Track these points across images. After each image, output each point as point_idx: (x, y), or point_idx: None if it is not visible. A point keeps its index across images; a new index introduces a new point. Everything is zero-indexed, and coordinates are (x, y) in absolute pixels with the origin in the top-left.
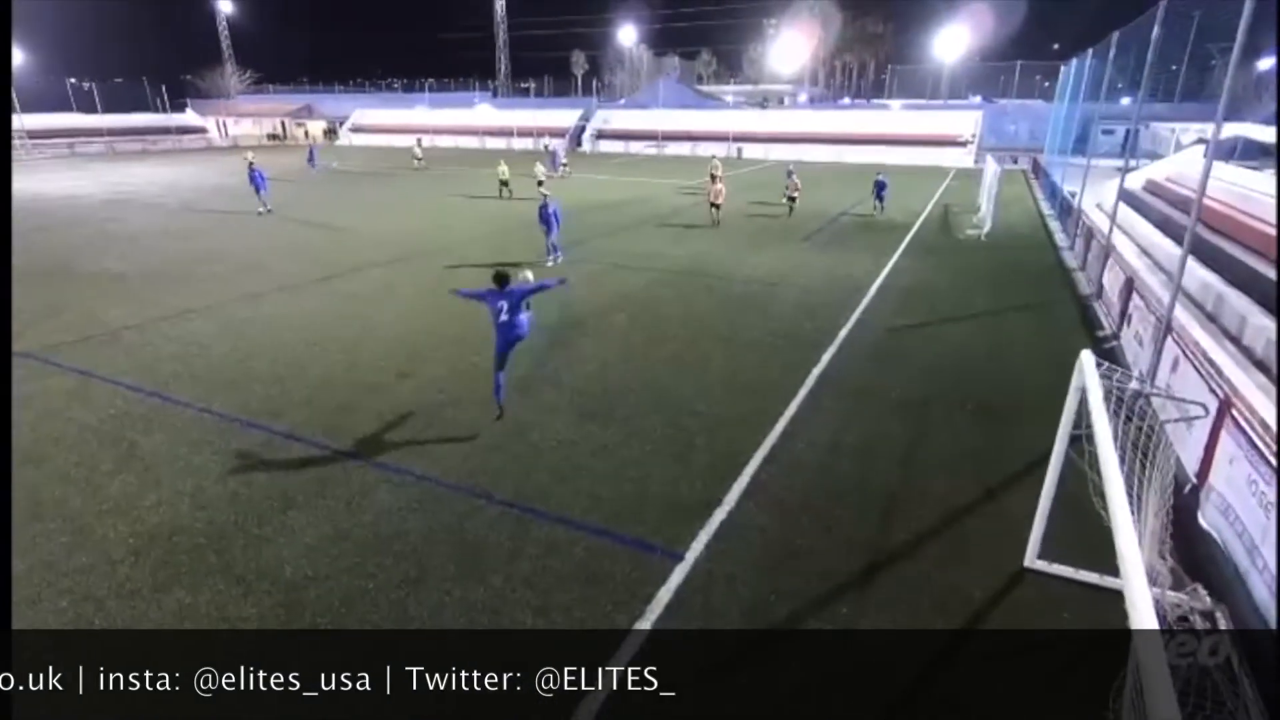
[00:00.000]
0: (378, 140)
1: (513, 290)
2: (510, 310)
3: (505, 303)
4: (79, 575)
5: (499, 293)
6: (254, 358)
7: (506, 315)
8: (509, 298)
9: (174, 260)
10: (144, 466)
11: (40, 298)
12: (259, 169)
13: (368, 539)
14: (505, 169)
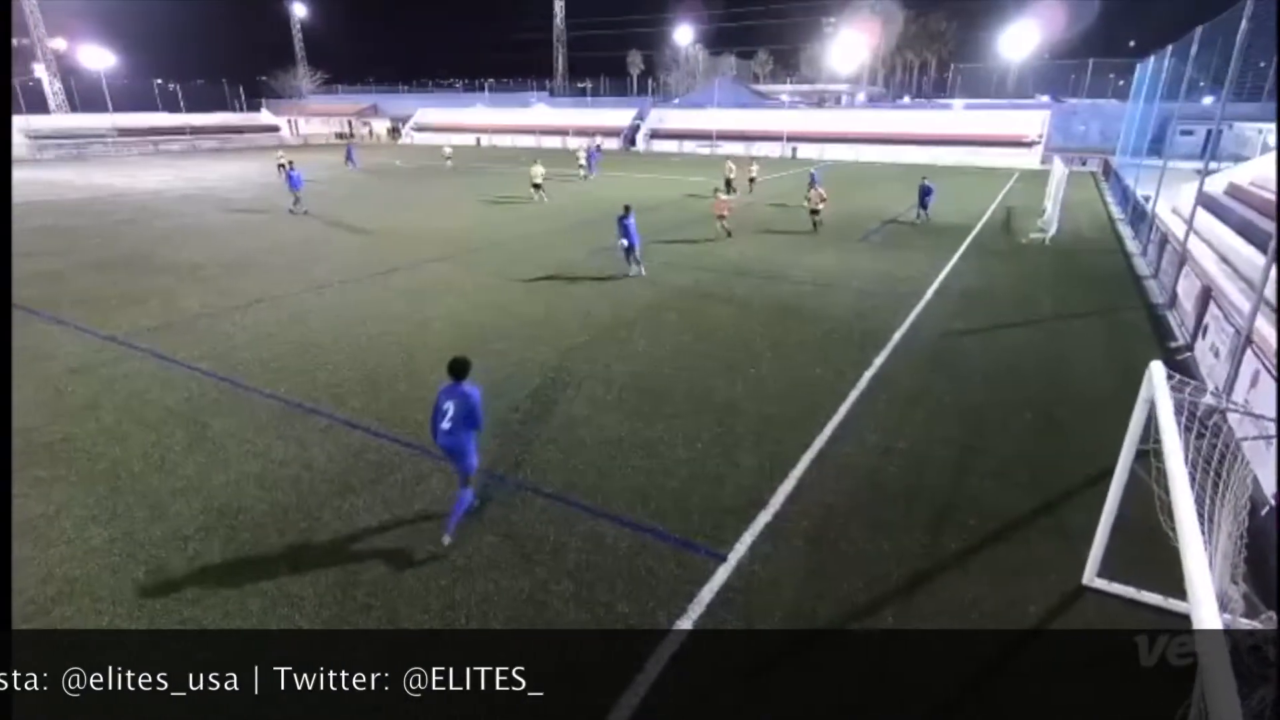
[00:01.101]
0: (438, 139)
1: (467, 391)
2: (455, 418)
3: (453, 405)
4: (155, 547)
5: (451, 388)
6: (317, 346)
7: (449, 424)
8: (459, 399)
9: (245, 252)
10: (215, 447)
11: (126, 285)
12: (296, 170)
13: (423, 527)
14: (540, 170)
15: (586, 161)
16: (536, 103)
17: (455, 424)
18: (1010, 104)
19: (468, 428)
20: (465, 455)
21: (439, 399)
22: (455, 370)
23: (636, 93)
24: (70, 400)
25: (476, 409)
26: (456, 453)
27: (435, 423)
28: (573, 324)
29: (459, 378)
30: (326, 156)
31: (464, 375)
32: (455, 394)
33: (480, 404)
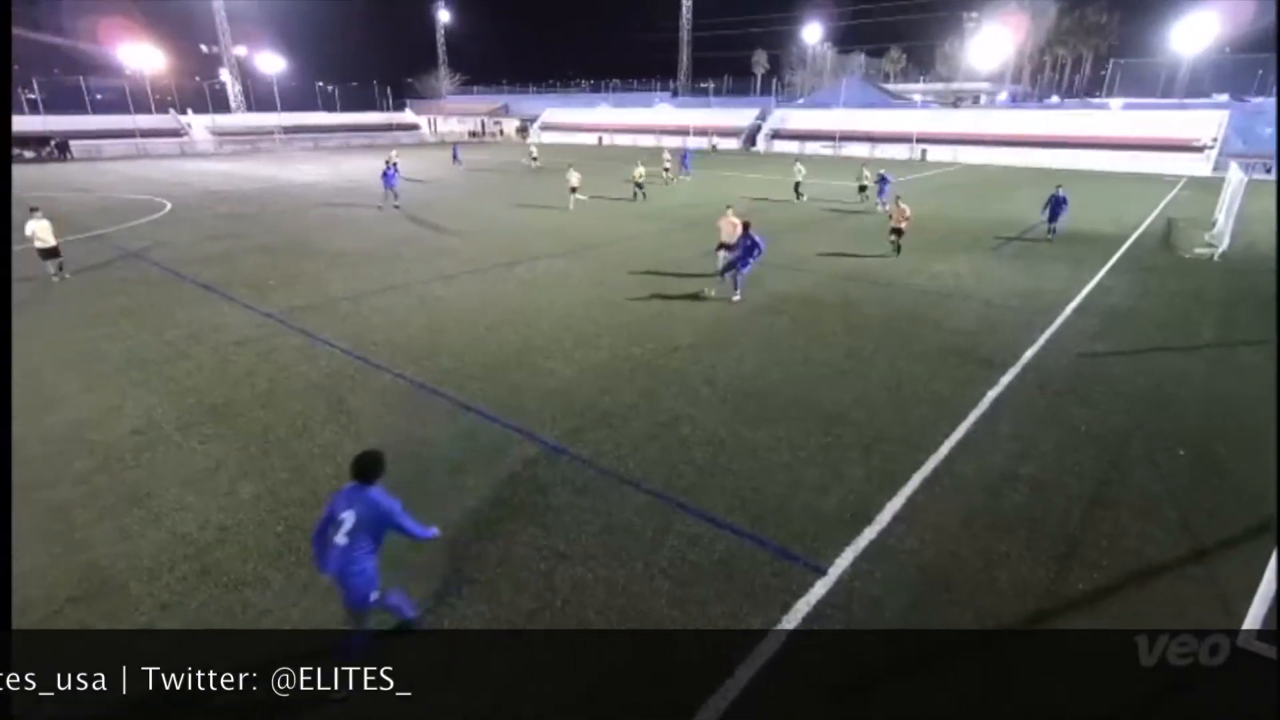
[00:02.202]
0: (564, 138)
1: (372, 498)
2: (353, 531)
3: (352, 515)
4: (294, 506)
5: (351, 491)
6: (442, 332)
7: (346, 538)
8: (361, 508)
9: (383, 242)
10: (348, 419)
11: (283, 269)
12: (393, 168)
13: (528, 509)
14: (641, 170)
15: (682, 162)
16: (659, 103)
17: (360, 543)
18: (1178, 104)
19: (372, 544)
20: (358, 585)
21: (332, 506)
22: (360, 470)
23: (760, 92)
24: (233, 369)
25: (406, 528)
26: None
27: (320, 536)
28: (680, 323)
29: (366, 479)
30: (469, 154)
31: (375, 477)
32: (357, 500)
33: (399, 510)
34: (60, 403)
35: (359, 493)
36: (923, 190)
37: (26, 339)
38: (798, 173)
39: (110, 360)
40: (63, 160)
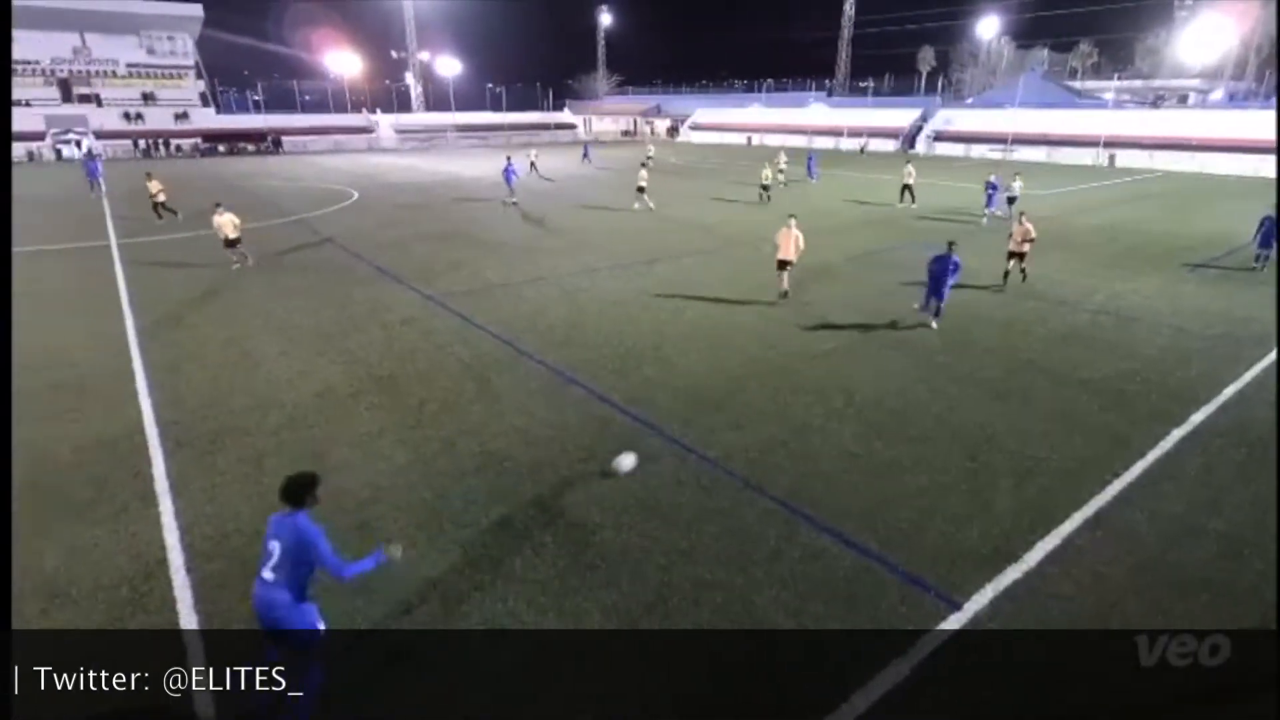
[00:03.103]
0: (713, 138)
1: (300, 526)
2: (280, 564)
3: (277, 544)
4: (440, 477)
5: (278, 519)
6: (582, 324)
7: (271, 572)
8: (290, 538)
9: (535, 235)
10: (494, 400)
11: (446, 256)
12: (513, 165)
13: (650, 503)
14: (769, 172)
15: (807, 166)
16: (813, 102)
17: (286, 574)
18: None
19: (297, 578)
20: (290, 621)
21: (267, 535)
22: (289, 493)
23: (923, 92)
24: (398, 345)
25: (324, 560)
26: (272, 615)
27: (260, 564)
28: (820, 329)
29: (295, 504)
30: (612, 151)
31: (302, 501)
32: (284, 531)
33: (330, 551)
34: (260, 365)
35: (290, 520)
36: (1105, 199)
37: (237, 308)
38: (907, 175)
39: (301, 330)
40: (275, 153)
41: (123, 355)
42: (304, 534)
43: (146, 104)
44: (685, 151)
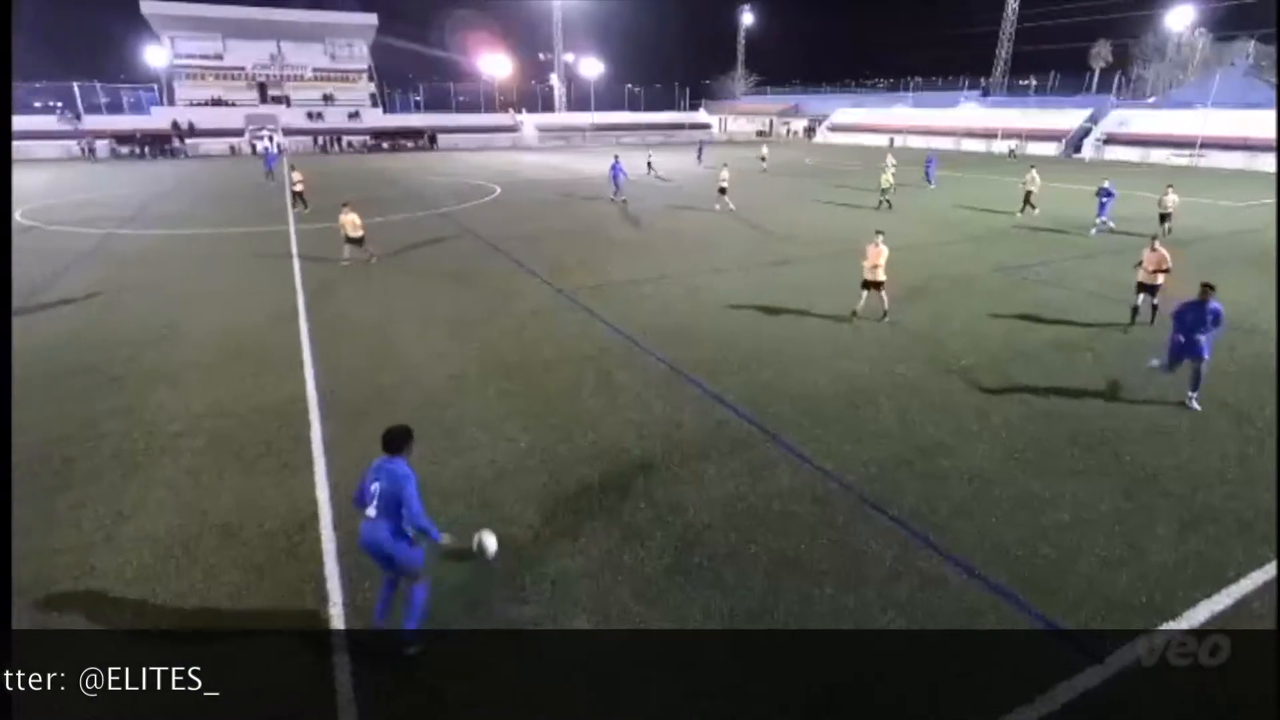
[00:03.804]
0: (852, 139)
1: (398, 472)
2: (381, 505)
3: (379, 485)
4: (558, 463)
5: (386, 464)
6: (703, 324)
7: (374, 510)
8: (387, 481)
9: (665, 234)
10: (613, 392)
11: (575, 252)
12: (621, 165)
13: (762, 509)
14: (890, 177)
15: (925, 171)
16: (965, 102)
17: (387, 517)
18: None
19: (394, 520)
20: (396, 555)
21: (364, 479)
22: (389, 442)
23: (1095, 90)
24: (527, 334)
25: (408, 498)
26: (379, 550)
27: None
28: (958, 342)
29: (393, 451)
30: (739, 152)
31: (400, 449)
32: (394, 474)
33: (416, 494)
34: (403, 346)
35: (396, 465)
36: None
37: (386, 293)
38: (1029, 182)
39: (441, 316)
40: (430, 149)
41: (293, 329)
42: (398, 475)
43: (326, 104)
44: (821, 153)
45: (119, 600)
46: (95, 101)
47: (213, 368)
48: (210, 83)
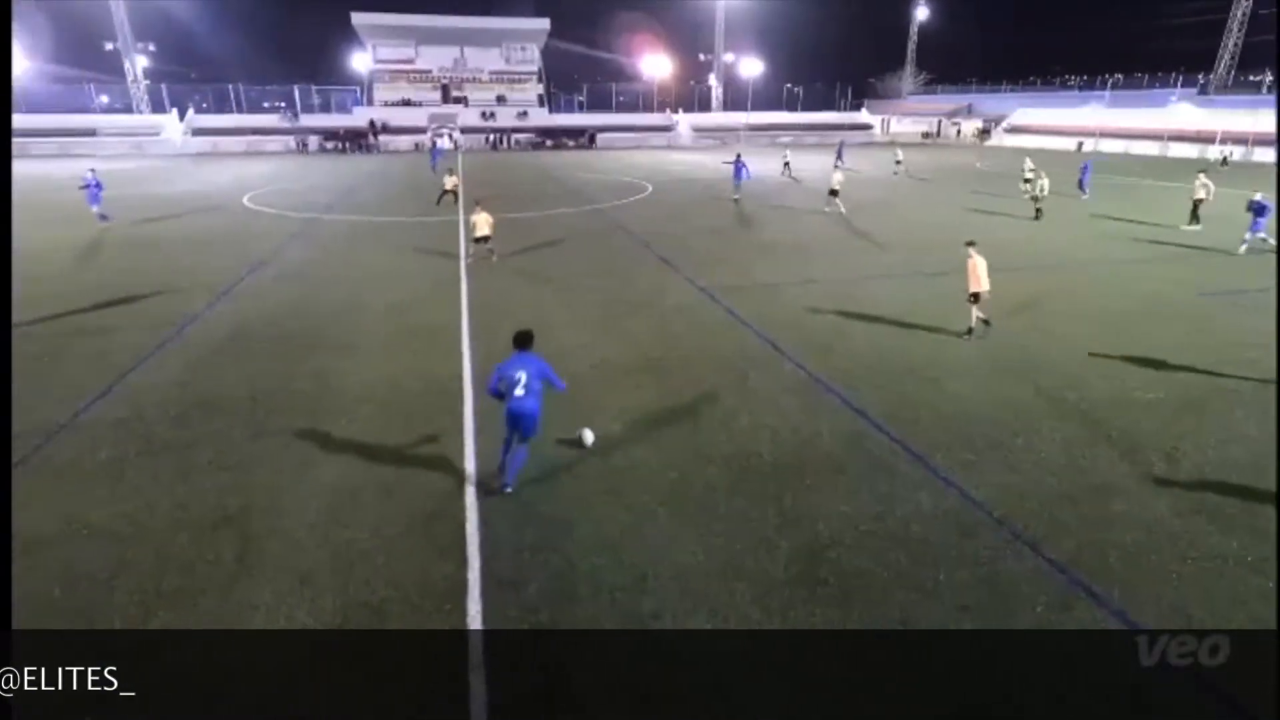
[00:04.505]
0: (1033, 141)
1: (539, 361)
2: (529, 385)
3: (525, 374)
4: (687, 460)
5: (520, 358)
6: (847, 332)
7: (524, 390)
8: (530, 369)
9: (815, 237)
10: (749, 395)
11: (720, 251)
12: (744, 162)
13: (896, 531)
14: (1045, 184)
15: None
16: (1177, 101)
17: (532, 393)
18: None
19: (537, 395)
20: (536, 419)
21: (505, 369)
22: (522, 341)
23: None
24: (668, 330)
25: (552, 374)
26: (528, 419)
27: (498, 391)
28: (1143, 374)
29: (526, 347)
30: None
31: (529, 345)
32: (529, 363)
33: (549, 367)
34: (553, 333)
35: (528, 358)
36: None
37: (541, 282)
38: (1199, 190)
39: (589, 307)
40: (589, 148)
41: (455, 311)
42: (540, 363)
43: (498, 104)
44: (996, 156)
45: (299, 542)
46: (310, 102)
47: (385, 341)
48: (402, 85)
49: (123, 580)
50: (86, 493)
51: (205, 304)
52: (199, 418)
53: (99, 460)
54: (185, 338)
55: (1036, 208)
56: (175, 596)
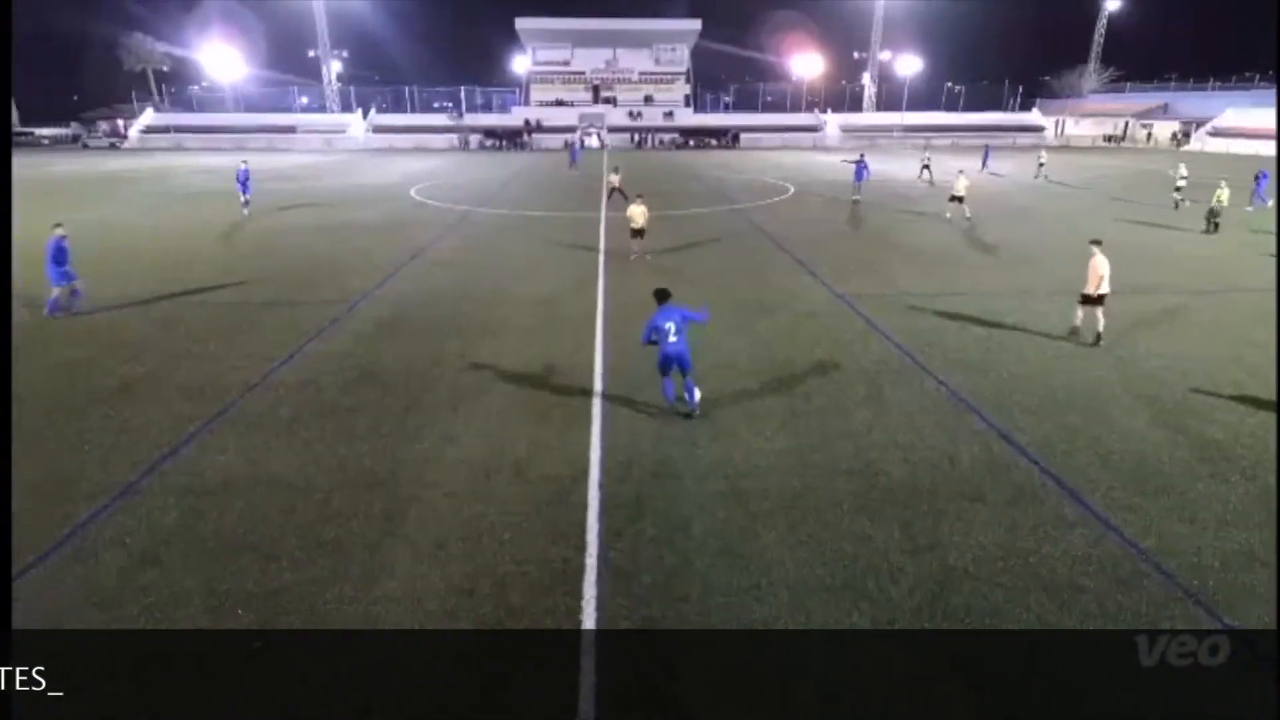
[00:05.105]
0: (1241, 146)
1: (681, 308)
2: (679, 330)
3: (673, 322)
4: (812, 471)
5: (665, 310)
6: (1000, 350)
7: (676, 336)
8: (677, 316)
9: (960, 246)
10: (882, 409)
11: (862, 256)
12: (865, 162)
13: (1044, 573)
14: (1225, 194)
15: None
16: None
17: (680, 335)
18: None
19: (684, 335)
20: (688, 355)
21: (656, 321)
22: (664, 296)
23: None
24: (800, 335)
25: (694, 315)
26: (683, 356)
27: (655, 339)
28: None
29: (667, 301)
30: (1076, 159)
31: (670, 298)
32: (673, 314)
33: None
34: None
35: (670, 309)
36: None
37: (675, 279)
38: None
39: (720, 307)
40: (732, 148)
41: (591, 305)
42: (682, 310)
43: (646, 104)
44: (1200, 164)
45: (437, 511)
46: (474, 102)
47: (526, 328)
48: (556, 86)
49: (292, 526)
50: (269, 444)
51: (374, 284)
52: (361, 387)
53: (280, 417)
54: (355, 314)
55: (1214, 221)
56: (332, 546)
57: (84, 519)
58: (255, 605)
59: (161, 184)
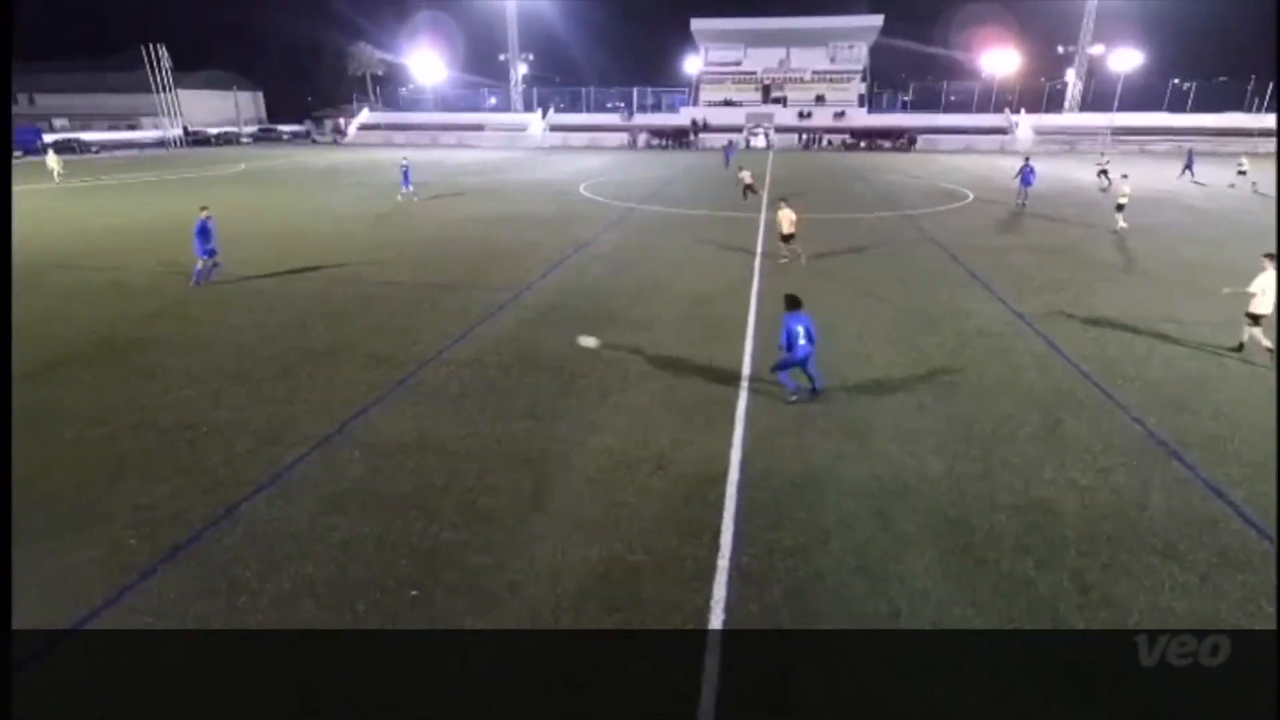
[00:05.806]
0: None
1: (806, 318)
2: (807, 335)
3: (802, 327)
4: (969, 501)
5: (795, 316)
6: (1211, 389)
7: (805, 339)
8: (807, 324)
9: (1161, 262)
10: (1058, 444)
11: (1049, 272)
12: (1031, 166)
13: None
14: None
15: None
16: None
17: (807, 338)
18: None
19: (812, 340)
20: (812, 358)
21: (789, 325)
22: (795, 304)
23: None
24: (966, 354)
25: (813, 328)
26: (810, 358)
27: (791, 341)
28: None
29: (796, 308)
30: None
31: (801, 306)
32: (804, 320)
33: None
34: (839, 340)
35: (799, 316)
36: None
37: (835, 286)
38: None
39: (880, 317)
40: (907, 150)
41: (743, 306)
42: (809, 320)
43: (816, 104)
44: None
45: (580, 494)
46: (644, 102)
47: (678, 325)
48: (726, 86)
49: (452, 491)
50: (438, 415)
51: (540, 273)
52: (520, 370)
53: (450, 391)
54: (520, 301)
55: None
56: (487, 514)
57: (289, 463)
58: (416, 558)
59: (370, 176)
